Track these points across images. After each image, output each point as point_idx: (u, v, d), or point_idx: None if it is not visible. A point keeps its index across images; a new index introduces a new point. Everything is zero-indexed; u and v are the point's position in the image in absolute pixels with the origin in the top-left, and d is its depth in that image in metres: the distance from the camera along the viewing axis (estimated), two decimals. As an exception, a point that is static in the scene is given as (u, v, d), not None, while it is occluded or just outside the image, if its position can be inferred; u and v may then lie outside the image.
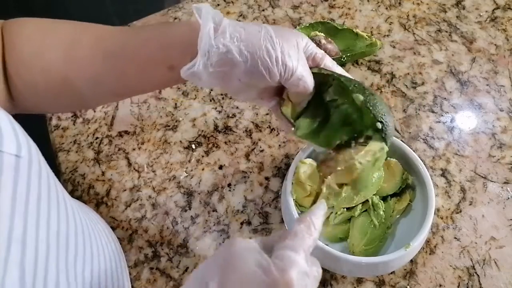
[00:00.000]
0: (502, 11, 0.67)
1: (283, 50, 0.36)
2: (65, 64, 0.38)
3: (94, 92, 0.40)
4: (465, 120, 0.56)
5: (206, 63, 0.35)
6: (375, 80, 0.60)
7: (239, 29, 0.36)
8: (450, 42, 0.64)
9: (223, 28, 0.35)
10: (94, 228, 0.41)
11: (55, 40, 0.39)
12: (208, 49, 0.35)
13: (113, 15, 0.90)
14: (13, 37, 0.38)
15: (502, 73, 0.60)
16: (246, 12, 0.70)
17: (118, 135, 0.58)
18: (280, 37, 0.36)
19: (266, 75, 0.36)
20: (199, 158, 0.55)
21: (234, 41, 0.35)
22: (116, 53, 0.38)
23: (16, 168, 0.27)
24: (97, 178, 0.54)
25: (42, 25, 0.40)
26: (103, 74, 0.39)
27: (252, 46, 0.35)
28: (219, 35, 0.35)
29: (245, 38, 0.35)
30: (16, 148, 0.27)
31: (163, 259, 0.48)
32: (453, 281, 0.45)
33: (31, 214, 0.27)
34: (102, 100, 0.48)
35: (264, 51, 0.35)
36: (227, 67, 0.36)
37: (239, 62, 0.35)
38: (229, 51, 0.35)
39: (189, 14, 0.70)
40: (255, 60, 0.35)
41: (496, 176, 0.52)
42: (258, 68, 0.36)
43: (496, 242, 0.47)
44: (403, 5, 0.69)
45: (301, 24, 0.64)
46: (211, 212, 0.51)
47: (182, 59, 0.37)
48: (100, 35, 0.39)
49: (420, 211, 0.44)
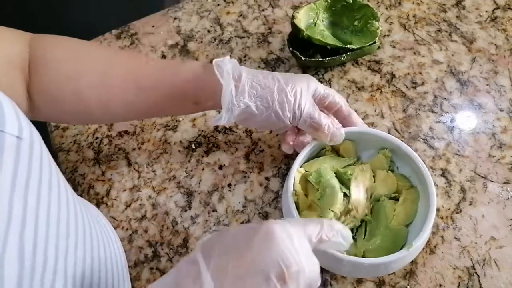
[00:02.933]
0: (502, 11, 0.67)
1: (294, 99, 0.43)
2: (100, 89, 0.42)
3: (126, 114, 0.46)
4: (465, 120, 0.56)
5: (229, 117, 0.44)
6: (375, 80, 0.60)
7: (256, 85, 0.43)
8: (450, 42, 0.64)
9: (242, 86, 0.43)
10: (95, 222, 0.41)
11: (90, 65, 0.43)
12: (231, 106, 0.43)
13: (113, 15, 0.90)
14: (46, 55, 0.42)
15: (502, 73, 0.60)
16: (246, 12, 0.70)
17: (118, 135, 0.58)
18: (291, 85, 0.44)
19: (279, 122, 0.45)
20: (199, 158, 0.55)
21: (251, 97, 0.43)
22: (150, 86, 0.44)
23: (17, 149, 0.27)
24: (97, 178, 0.54)
25: (76, 46, 0.45)
26: (136, 103, 0.44)
27: (267, 102, 0.44)
28: (239, 93, 0.43)
29: (261, 95, 0.43)
30: (17, 129, 0.27)
31: (163, 259, 0.48)
32: (453, 281, 0.45)
33: (31, 196, 0.28)
34: (131, 119, 0.55)
35: (277, 105, 0.43)
36: (246, 116, 0.44)
37: (256, 114, 0.44)
38: (248, 106, 0.43)
39: (189, 14, 0.70)
40: (269, 112, 0.44)
41: (496, 176, 0.52)
42: (272, 118, 0.44)
43: (496, 242, 0.47)
44: (403, 5, 0.69)
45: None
46: (211, 212, 0.51)
47: (207, 100, 0.45)
48: (132, 66, 0.44)
49: (421, 211, 0.44)
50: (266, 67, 0.63)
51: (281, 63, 0.63)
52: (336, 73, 0.62)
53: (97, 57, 0.44)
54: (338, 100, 0.47)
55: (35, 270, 0.27)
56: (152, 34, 0.68)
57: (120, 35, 0.68)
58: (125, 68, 0.44)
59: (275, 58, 0.64)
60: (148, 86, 0.44)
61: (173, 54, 0.65)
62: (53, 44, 0.43)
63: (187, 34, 0.68)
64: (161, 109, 0.46)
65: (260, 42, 0.66)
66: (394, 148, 0.47)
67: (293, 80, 0.44)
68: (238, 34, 0.67)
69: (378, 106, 0.58)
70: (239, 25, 0.68)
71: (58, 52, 0.42)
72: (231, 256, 0.27)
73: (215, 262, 0.27)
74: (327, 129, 0.44)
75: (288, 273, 0.26)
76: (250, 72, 0.44)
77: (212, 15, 0.70)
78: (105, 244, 0.41)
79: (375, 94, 0.59)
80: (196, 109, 0.47)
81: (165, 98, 0.44)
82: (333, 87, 0.60)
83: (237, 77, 0.43)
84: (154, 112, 0.48)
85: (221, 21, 0.69)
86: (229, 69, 0.43)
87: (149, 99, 0.44)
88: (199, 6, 0.71)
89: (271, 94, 0.43)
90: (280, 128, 0.48)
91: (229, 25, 0.68)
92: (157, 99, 0.44)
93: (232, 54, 0.65)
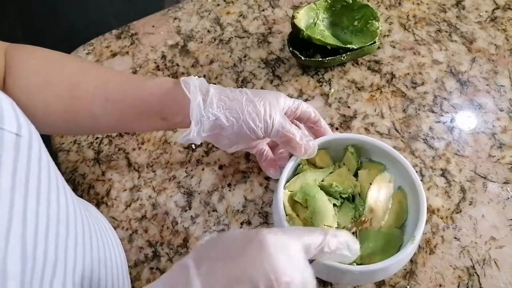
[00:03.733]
0: (502, 11, 0.67)
1: (264, 110, 0.43)
2: (67, 101, 0.42)
3: (91, 127, 0.46)
4: (465, 120, 0.56)
5: (199, 130, 0.43)
6: (375, 80, 0.61)
7: (224, 98, 0.43)
8: (450, 42, 0.64)
9: (210, 98, 0.43)
10: (95, 222, 0.41)
11: (60, 77, 0.43)
12: (200, 118, 0.42)
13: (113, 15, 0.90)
14: (20, 65, 0.42)
15: (502, 73, 0.60)
16: (246, 12, 0.70)
17: (118, 135, 0.58)
18: (260, 99, 0.43)
19: (251, 134, 0.43)
20: (199, 158, 0.55)
21: (220, 109, 0.43)
22: (117, 99, 0.43)
23: (16, 147, 0.27)
24: (97, 178, 0.54)
25: (49, 57, 0.44)
26: (103, 115, 0.44)
27: (236, 112, 0.43)
28: (208, 105, 0.42)
29: (229, 106, 0.43)
30: (16, 127, 0.27)
31: (163, 259, 0.48)
32: (453, 281, 0.45)
33: (31, 195, 0.28)
34: (97, 132, 0.56)
35: (247, 115, 0.43)
36: (217, 131, 0.44)
37: (227, 126, 0.43)
38: (218, 118, 0.43)
39: (189, 14, 0.70)
40: (239, 123, 0.43)
41: (496, 176, 0.52)
42: (243, 129, 0.43)
43: (496, 242, 0.47)
44: (403, 5, 0.69)
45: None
46: (211, 212, 0.51)
47: (174, 115, 0.44)
48: (103, 78, 0.44)
49: (412, 208, 0.44)
50: (266, 67, 0.63)
51: (281, 63, 0.63)
52: (336, 73, 0.62)
53: (68, 69, 0.44)
54: (308, 108, 0.47)
55: (35, 269, 0.27)
56: (152, 34, 0.68)
57: (120, 35, 0.68)
58: (95, 80, 0.44)
59: (275, 58, 0.64)
60: (115, 98, 0.43)
61: (173, 54, 0.65)
62: (27, 54, 0.43)
63: (187, 34, 0.68)
64: (128, 122, 0.45)
65: (260, 42, 0.66)
66: (365, 146, 0.47)
67: (261, 93, 0.44)
68: (238, 34, 0.67)
69: (378, 106, 0.58)
70: (239, 25, 0.68)
71: (31, 63, 0.43)
72: (222, 263, 0.27)
73: (206, 268, 0.26)
74: (300, 139, 0.44)
75: (278, 283, 0.25)
76: (218, 88, 0.44)
77: (212, 15, 0.70)
78: (104, 244, 0.41)
79: (375, 94, 0.59)
80: (165, 125, 0.46)
81: (131, 111, 0.44)
82: (333, 87, 0.60)
83: (205, 92, 0.43)
84: (121, 126, 0.48)
85: (221, 21, 0.69)
86: (196, 84, 0.43)
87: (115, 112, 0.44)
88: (199, 6, 0.71)
89: (240, 105, 0.43)
90: (252, 145, 0.48)
91: (229, 25, 0.68)
92: (123, 112, 0.44)
93: (232, 54, 0.65)
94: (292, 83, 0.61)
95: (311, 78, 0.61)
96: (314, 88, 0.60)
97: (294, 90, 0.60)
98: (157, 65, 0.64)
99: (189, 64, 0.64)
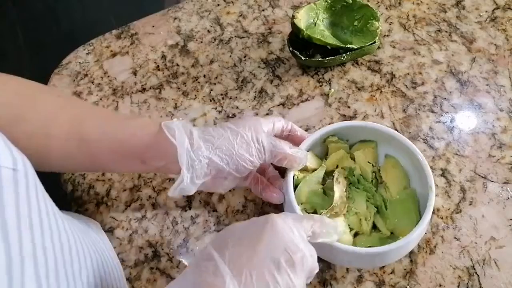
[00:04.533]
0: (502, 11, 0.67)
1: (252, 138, 0.42)
2: (40, 139, 0.40)
3: (65, 165, 0.44)
4: (465, 120, 0.56)
5: (192, 176, 0.41)
6: (375, 80, 0.61)
7: (209, 138, 0.41)
8: (450, 42, 0.64)
9: (197, 141, 0.41)
10: (85, 237, 0.40)
11: (33, 112, 0.40)
12: (191, 163, 0.40)
13: (112, 15, 0.90)
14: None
15: (502, 73, 0.60)
16: (246, 12, 0.70)
17: (118, 135, 0.58)
18: (243, 127, 0.42)
19: (248, 165, 0.42)
20: (199, 158, 0.55)
21: (210, 150, 0.41)
22: (92, 139, 0.41)
23: (15, 182, 0.26)
24: (97, 178, 0.54)
25: (22, 90, 0.41)
26: (77, 155, 0.41)
27: (227, 149, 0.41)
28: (196, 149, 0.40)
29: (218, 145, 0.41)
30: (12, 161, 0.26)
31: (163, 259, 0.48)
32: (453, 281, 0.45)
33: (36, 227, 0.27)
34: (71, 171, 0.54)
35: (238, 148, 0.41)
36: (212, 174, 0.42)
37: (222, 166, 0.41)
38: (210, 159, 0.41)
39: (189, 14, 0.70)
40: (234, 159, 0.41)
41: (496, 176, 0.52)
42: (240, 164, 0.42)
43: (496, 242, 0.47)
44: (403, 5, 0.69)
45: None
46: (211, 212, 0.51)
47: (156, 160, 0.42)
48: (79, 115, 0.42)
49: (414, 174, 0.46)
50: (266, 67, 0.63)
51: (281, 63, 0.63)
52: (336, 73, 0.62)
53: (42, 104, 0.41)
54: (280, 121, 0.47)
55: None
56: (152, 34, 0.68)
57: (120, 35, 0.68)
58: (70, 117, 0.41)
59: (275, 58, 0.64)
60: (91, 138, 0.41)
61: (173, 54, 0.65)
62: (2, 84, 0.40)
63: (187, 34, 0.68)
64: (104, 163, 0.44)
65: (260, 42, 0.66)
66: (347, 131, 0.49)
67: (242, 122, 0.43)
68: (238, 34, 0.67)
69: (378, 106, 0.58)
70: (239, 25, 0.68)
71: (3, 95, 0.39)
72: (244, 247, 0.30)
73: (229, 254, 0.30)
74: (292, 152, 0.43)
75: (295, 257, 0.31)
76: (200, 129, 0.43)
77: (212, 15, 0.70)
78: (103, 260, 0.40)
79: (375, 94, 0.59)
80: (143, 168, 0.43)
81: (109, 153, 0.42)
82: (333, 87, 0.60)
83: (189, 134, 0.41)
84: (97, 167, 0.46)
85: (221, 21, 0.69)
86: (180, 128, 0.41)
87: (91, 152, 0.41)
88: (199, 6, 0.71)
89: (228, 140, 0.42)
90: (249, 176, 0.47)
91: (229, 25, 0.68)
92: (99, 152, 0.41)
93: (232, 54, 0.65)
94: (292, 83, 0.61)
95: (311, 78, 0.61)
96: (314, 88, 0.60)
97: (294, 90, 0.60)
98: (157, 65, 0.64)
99: (189, 64, 0.64)
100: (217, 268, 0.29)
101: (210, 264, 0.30)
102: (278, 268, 0.30)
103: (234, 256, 0.30)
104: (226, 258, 0.30)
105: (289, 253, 0.30)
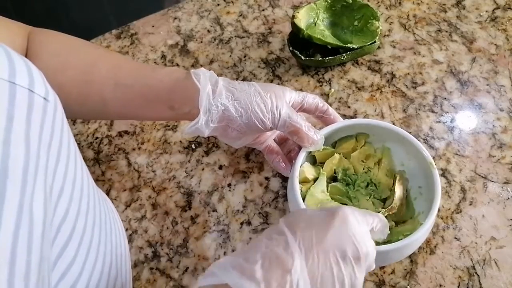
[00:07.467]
0: (502, 11, 0.67)
1: (271, 102, 0.44)
2: (81, 84, 0.44)
3: (100, 111, 0.47)
4: (465, 120, 0.56)
5: (207, 120, 0.43)
6: (375, 80, 0.60)
7: (232, 89, 0.44)
8: (450, 42, 0.64)
9: (219, 89, 0.43)
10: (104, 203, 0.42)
11: (76, 61, 0.45)
12: (209, 107, 0.43)
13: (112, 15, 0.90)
14: (40, 48, 0.44)
15: (502, 73, 0.60)
16: (246, 12, 0.70)
17: (118, 135, 0.58)
18: (267, 92, 0.44)
19: (259, 124, 0.44)
20: (199, 158, 0.55)
21: (229, 100, 0.43)
22: (127, 84, 0.44)
23: (44, 110, 0.28)
24: (97, 178, 0.54)
25: (68, 42, 0.47)
26: (112, 99, 0.45)
27: (244, 103, 0.43)
28: (217, 96, 0.43)
29: (238, 97, 0.43)
30: (44, 92, 0.29)
31: (163, 259, 0.48)
32: (453, 281, 0.45)
33: (52, 155, 0.29)
34: (106, 118, 0.57)
35: (255, 105, 0.43)
36: (225, 122, 0.44)
37: (235, 117, 0.43)
38: (227, 108, 0.43)
39: (189, 14, 0.70)
40: (248, 114, 0.43)
41: (496, 176, 0.51)
42: (252, 120, 0.43)
43: (496, 242, 0.47)
44: (403, 5, 0.69)
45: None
46: (211, 212, 0.51)
47: (182, 105, 0.44)
48: (116, 63, 0.46)
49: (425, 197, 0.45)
50: (266, 67, 0.63)
51: (281, 63, 0.63)
52: (336, 72, 0.62)
53: (85, 54, 0.46)
54: (314, 99, 0.48)
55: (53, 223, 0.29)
56: (152, 34, 0.68)
57: (120, 35, 0.68)
58: (108, 65, 0.45)
59: (275, 58, 0.64)
60: (125, 83, 0.44)
61: (173, 54, 0.65)
62: (49, 38, 0.45)
63: (187, 34, 0.68)
64: (135, 109, 0.46)
65: (260, 42, 0.66)
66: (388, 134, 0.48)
67: (268, 87, 0.45)
68: (238, 34, 0.67)
69: (378, 106, 0.58)
70: (239, 25, 0.68)
71: (51, 46, 0.45)
72: (314, 232, 0.31)
73: (300, 235, 0.30)
74: (306, 130, 0.44)
75: (360, 252, 0.31)
76: (226, 80, 0.45)
77: (212, 15, 0.70)
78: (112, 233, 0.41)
79: (375, 94, 0.59)
80: (172, 114, 0.46)
81: (139, 97, 0.45)
82: (333, 87, 0.60)
83: (214, 83, 0.44)
84: (128, 112, 0.48)
85: (221, 21, 0.69)
86: (206, 75, 0.43)
87: (124, 97, 0.45)
88: (199, 6, 0.71)
89: (248, 96, 0.44)
90: (260, 140, 0.49)
91: (229, 25, 0.68)
92: (131, 97, 0.45)
93: (232, 54, 0.65)
94: (292, 83, 0.61)
95: (311, 78, 0.61)
96: (314, 88, 0.60)
97: (294, 90, 0.60)
98: (157, 65, 0.64)
99: (189, 64, 0.64)
100: (288, 244, 0.30)
101: (281, 238, 0.31)
102: (344, 258, 0.30)
103: (304, 238, 0.30)
104: (297, 238, 0.30)
105: (357, 246, 0.31)
